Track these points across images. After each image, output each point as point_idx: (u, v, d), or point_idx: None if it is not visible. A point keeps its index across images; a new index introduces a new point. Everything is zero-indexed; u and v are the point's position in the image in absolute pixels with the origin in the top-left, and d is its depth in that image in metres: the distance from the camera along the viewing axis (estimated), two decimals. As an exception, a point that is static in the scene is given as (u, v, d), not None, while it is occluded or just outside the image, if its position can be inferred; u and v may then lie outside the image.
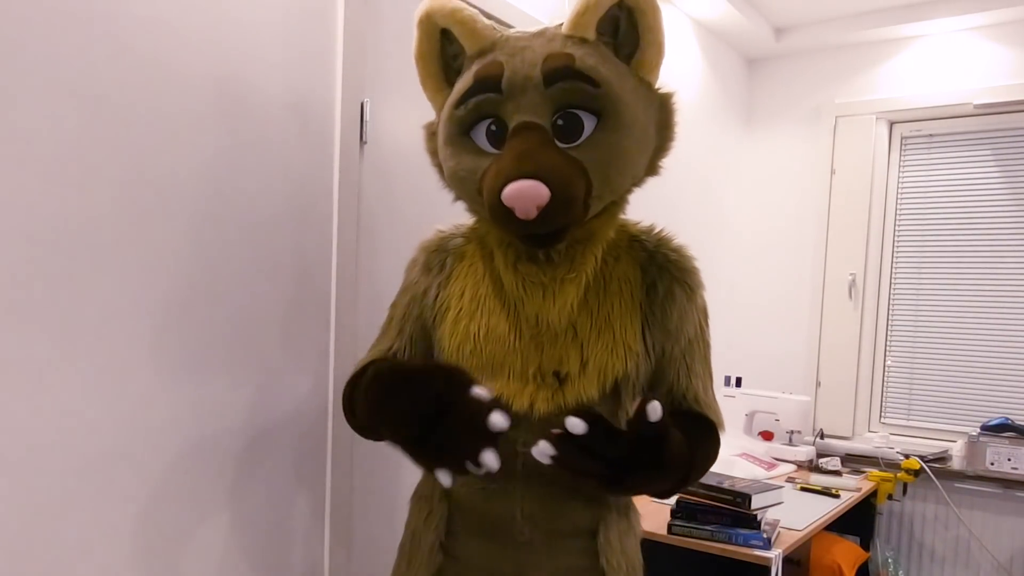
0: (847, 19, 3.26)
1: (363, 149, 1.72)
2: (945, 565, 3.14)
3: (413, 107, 1.83)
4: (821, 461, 3.03)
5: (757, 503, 2.06)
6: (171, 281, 1.36)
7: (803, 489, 2.70)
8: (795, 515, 2.32)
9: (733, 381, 3.26)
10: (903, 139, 3.35)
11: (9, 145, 1.14)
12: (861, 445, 3.25)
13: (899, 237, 3.35)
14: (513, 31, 1.21)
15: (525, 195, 1.05)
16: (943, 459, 3.08)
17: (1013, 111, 3.09)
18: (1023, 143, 3.10)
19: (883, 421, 3.38)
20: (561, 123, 1.11)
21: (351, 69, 1.67)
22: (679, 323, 1.23)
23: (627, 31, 1.15)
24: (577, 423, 0.98)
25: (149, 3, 1.30)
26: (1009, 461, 2.93)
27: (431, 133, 1.27)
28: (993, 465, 2.96)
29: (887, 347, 3.38)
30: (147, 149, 1.31)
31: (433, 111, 1.27)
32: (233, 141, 1.45)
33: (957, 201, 3.23)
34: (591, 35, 1.14)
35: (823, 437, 3.28)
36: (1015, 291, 3.11)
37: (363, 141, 1.72)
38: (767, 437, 3.17)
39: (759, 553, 1.96)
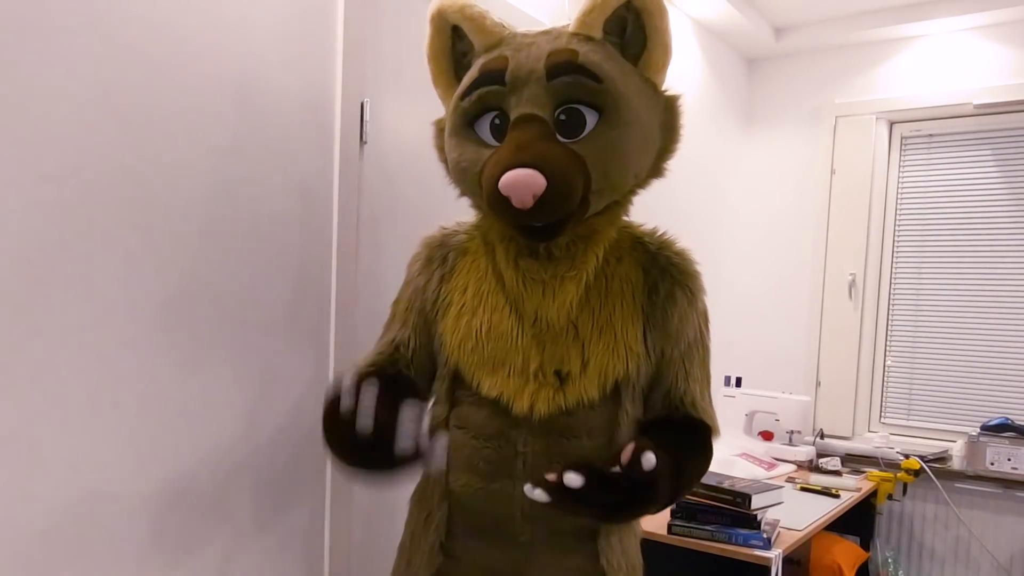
0: (847, 19, 3.26)
1: (363, 149, 1.72)
2: (945, 565, 3.14)
3: (413, 107, 1.83)
4: (821, 461, 3.03)
5: (757, 503, 2.06)
6: (171, 280, 1.36)
7: (803, 489, 2.70)
8: (795, 515, 2.32)
9: (733, 381, 3.25)
10: (903, 139, 3.35)
11: (10, 145, 1.14)
12: (861, 445, 3.25)
13: (899, 237, 3.35)
14: (521, 30, 1.23)
15: (521, 183, 1.06)
16: (943, 459, 3.07)
17: (1013, 111, 3.08)
18: (1023, 143, 3.10)
19: (883, 421, 3.38)
20: (563, 118, 1.12)
21: (351, 69, 1.67)
22: (679, 326, 1.24)
23: (634, 32, 1.17)
24: (575, 478, 1.01)
25: (149, 3, 1.30)
26: (1009, 461, 2.93)
27: (439, 129, 1.28)
28: (993, 465, 2.95)
29: (887, 347, 3.38)
30: (147, 149, 1.31)
31: (443, 108, 1.28)
32: (233, 141, 1.45)
33: (957, 201, 3.22)
34: (597, 34, 1.16)
35: (823, 437, 3.27)
36: (1015, 291, 3.11)
37: (363, 141, 1.72)
38: (767, 437, 3.17)
39: (759, 553, 1.96)
